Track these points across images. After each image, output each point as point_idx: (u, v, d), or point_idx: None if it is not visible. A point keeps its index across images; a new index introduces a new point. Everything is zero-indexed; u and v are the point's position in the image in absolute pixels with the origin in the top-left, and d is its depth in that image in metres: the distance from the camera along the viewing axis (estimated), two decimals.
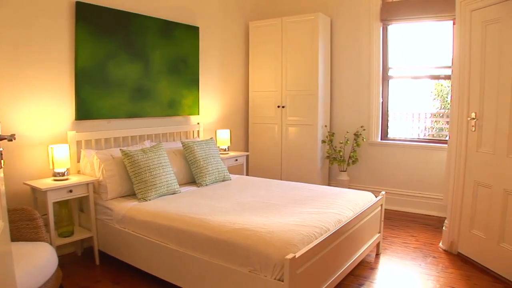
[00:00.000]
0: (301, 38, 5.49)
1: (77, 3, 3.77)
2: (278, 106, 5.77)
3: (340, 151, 5.61)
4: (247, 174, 5.81)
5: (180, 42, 4.86)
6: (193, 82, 5.09)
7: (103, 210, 3.62)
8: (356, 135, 5.59)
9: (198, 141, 4.45)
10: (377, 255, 3.89)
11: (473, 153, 3.68)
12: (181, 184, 4.15)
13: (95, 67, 3.97)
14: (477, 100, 3.60)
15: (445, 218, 4.07)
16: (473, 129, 3.65)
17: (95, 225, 3.65)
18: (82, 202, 3.86)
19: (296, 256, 2.35)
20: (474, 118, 3.63)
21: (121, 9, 4.16)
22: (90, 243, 3.79)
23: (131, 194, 3.74)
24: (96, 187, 3.69)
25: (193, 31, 5.05)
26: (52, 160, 3.47)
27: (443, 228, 4.06)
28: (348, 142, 5.65)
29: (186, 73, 4.99)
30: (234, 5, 5.89)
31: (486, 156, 3.53)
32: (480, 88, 3.57)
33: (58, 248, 3.30)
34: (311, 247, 2.53)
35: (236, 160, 5.30)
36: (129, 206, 3.46)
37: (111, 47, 4.10)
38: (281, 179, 5.55)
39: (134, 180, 3.62)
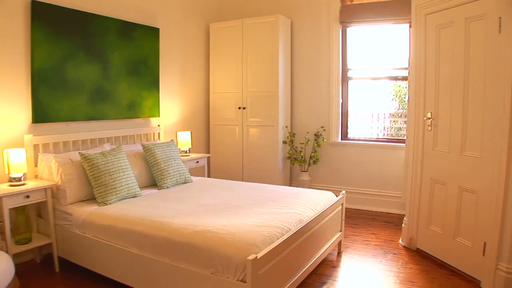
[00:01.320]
0: (262, 40, 5.52)
1: (33, 2, 3.63)
2: (239, 108, 5.76)
3: (301, 151, 5.67)
4: (208, 176, 5.77)
5: (140, 43, 4.78)
6: (153, 84, 5.02)
7: (62, 215, 3.50)
8: (317, 135, 5.66)
9: (158, 144, 4.38)
10: (339, 253, 3.94)
11: (429, 152, 3.80)
12: (142, 187, 4.08)
13: (53, 68, 3.84)
14: (433, 101, 3.72)
15: (404, 215, 4.18)
16: (429, 129, 3.76)
17: (54, 231, 3.52)
18: (40, 208, 3.70)
19: (258, 257, 2.35)
20: (430, 118, 3.75)
21: (79, 9, 4.04)
22: (49, 250, 3.64)
23: (91, 198, 3.64)
24: (54, 191, 3.56)
25: (153, 32, 4.97)
26: (8, 165, 3.32)
27: (402, 225, 4.17)
28: (309, 142, 5.71)
29: (146, 74, 4.90)
30: (195, 7, 5.84)
31: (441, 155, 3.65)
32: (435, 89, 3.69)
33: (15, 256, 3.16)
34: (272, 247, 2.54)
35: (197, 162, 5.26)
36: (89, 211, 3.36)
37: (69, 48, 3.97)
38: (242, 181, 5.55)
39: (93, 184, 3.53)
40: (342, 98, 5.71)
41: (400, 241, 4.20)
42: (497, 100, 3.04)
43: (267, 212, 3.19)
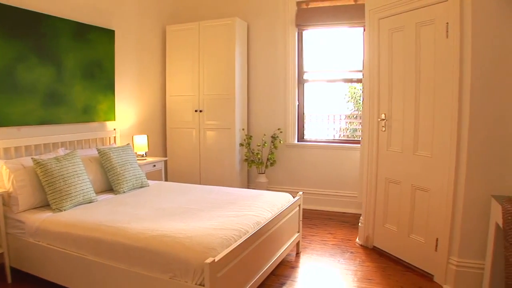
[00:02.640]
0: (218, 42, 5.50)
1: None
2: (196, 111, 5.72)
3: (258, 153, 5.69)
4: (165, 180, 5.69)
5: (95, 45, 4.64)
6: (109, 87, 4.89)
7: (15, 224, 3.33)
8: (273, 137, 5.70)
9: (114, 148, 4.28)
10: (297, 254, 3.98)
11: (383, 152, 3.91)
12: (98, 192, 3.97)
13: (2, 70, 3.64)
14: (386, 102, 3.84)
15: (360, 214, 4.27)
16: (383, 129, 3.87)
17: (5, 240, 3.34)
18: None
19: (216, 260, 2.35)
20: (383, 119, 3.86)
21: (30, 9, 3.87)
22: (0, 260, 3.46)
23: (45, 205, 3.49)
24: (5, 199, 3.38)
25: (109, 34, 4.84)
26: None
27: (359, 224, 4.27)
28: (266, 144, 5.75)
29: (101, 77, 4.77)
30: (151, 9, 5.75)
31: (395, 155, 3.76)
32: (388, 91, 3.81)
33: None
34: (230, 250, 2.54)
35: (154, 165, 5.18)
36: (42, 218, 3.23)
37: (20, 50, 3.79)
38: (200, 184, 5.50)
39: (47, 190, 3.39)
40: (298, 100, 5.78)
41: (357, 240, 4.30)
42: (445, 102, 3.18)
43: (225, 215, 3.19)
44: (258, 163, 5.68)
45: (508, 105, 2.93)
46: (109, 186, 4.13)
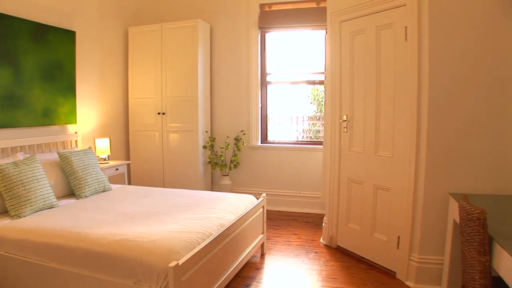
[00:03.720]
0: (181, 44, 5.45)
1: None
2: (159, 113, 5.64)
3: (221, 156, 5.67)
4: (129, 183, 5.58)
5: (55, 46, 4.49)
6: (70, 89, 4.74)
7: None
8: (237, 139, 5.69)
9: (75, 151, 4.16)
10: (262, 255, 3.99)
11: (346, 153, 3.97)
12: (59, 197, 3.85)
13: None
14: (348, 104, 3.90)
15: (324, 215, 4.32)
16: (345, 130, 3.94)
17: None
18: None
19: (180, 263, 2.32)
20: (345, 120, 3.93)
21: None
22: None
23: (3, 212, 3.33)
24: None
25: (69, 35, 4.70)
26: None
27: (323, 224, 4.33)
28: (229, 146, 5.73)
29: (62, 80, 4.62)
30: (113, 10, 5.62)
31: (357, 155, 3.83)
32: (350, 93, 3.88)
33: None
34: (194, 253, 2.52)
35: (117, 169, 5.07)
36: (0, 225, 3.09)
37: None
38: (164, 187, 5.45)
39: (5, 196, 3.24)
40: (261, 102, 5.81)
41: (321, 240, 4.35)
42: (405, 103, 3.27)
43: (188, 218, 3.17)
44: (221, 165, 5.66)
45: (464, 106, 3.04)
46: (70, 191, 4.01)
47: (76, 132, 4.86)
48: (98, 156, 4.92)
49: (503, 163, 3.00)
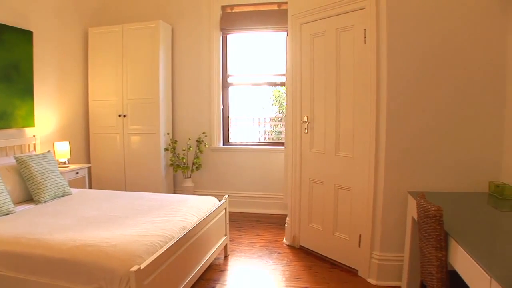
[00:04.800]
0: (142, 46, 5.37)
1: None
2: (119, 115, 5.53)
3: (183, 158, 5.62)
4: (90, 187, 5.44)
5: (11, 47, 4.30)
6: (27, 91, 4.56)
7: None
8: (199, 141, 5.66)
9: (34, 155, 4.01)
10: (226, 257, 3.98)
11: (307, 153, 4.02)
12: (16, 203, 3.69)
13: None
14: (308, 105, 3.95)
15: (287, 215, 4.35)
16: (306, 131, 3.99)
17: None
18: None
19: (142, 268, 2.29)
20: (306, 121, 3.97)
21: None
22: None
23: None
24: None
25: (26, 35, 4.52)
26: None
27: (285, 225, 4.36)
28: (191, 148, 5.69)
29: (19, 81, 4.43)
30: (72, 10, 5.45)
31: (318, 156, 3.89)
32: (310, 94, 3.92)
33: None
34: (156, 256, 2.49)
35: (77, 173, 4.93)
36: None
37: None
38: (125, 190, 5.34)
39: None
40: (223, 104, 5.79)
41: (284, 240, 4.38)
42: (364, 104, 3.34)
43: (150, 221, 3.12)
44: (183, 168, 5.61)
45: (422, 107, 3.14)
46: (29, 196, 3.86)
47: (34, 136, 4.69)
48: (57, 160, 4.78)
49: (458, 162, 3.12)
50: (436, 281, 2.11)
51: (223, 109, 5.81)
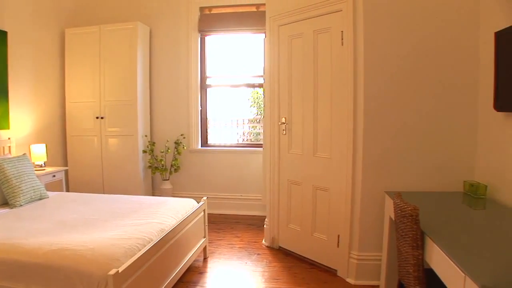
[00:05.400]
0: (120, 47, 5.32)
1: None
2: (97, 117, 5.46)
3: (161, 160, 5.58)
4: (67, 190, 5.36)
5: None
6: (1, 93, 4.46)
7: None
8: (177, 143, 5.62)
9: (9, 158, 3.92)
10: (205, 259, 3.96)
11: (285, 155, 4.03)
12: None
13: None
14: (286, 106, 3.97)
15: (265, 216, 4.36)
16: (284, 133, 4.00)
17: None
18: None
19: (120, 271, 2.27)
20: (284, 123, 3.99)
21: None
22: None
23: None
24: None
25: (0, 35, 4.43)
26: None
27: (264, 226, 4.36)
28: (169, 150, 5.65)
29: None
30: (48, 10, 5.34)
31: (296, 157, 3.91)
32: (288, 95, 3.94)
33: None
34: (134, 259, 2.47)
35: (54, 176, 4.84)
36: None
37: None
38: (103, 193, 5.27)
39: None
40: (201, 105, 5.77)
41: (263, 241, 4.38)
42: (342, 106, 3.37)
43: (128, 224, 3.09)
44: (162, 170, 5.56)
45: (399, 108, 3.19)
46: (4, 200, 3.77)
47: (9, 138, 4.59)
48: (33, 163, 4.69)
49: (434, 162, 3.18)
50: (413, 280, 2.15)
51: (201, 110, 5.79)
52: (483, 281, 1.50)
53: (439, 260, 1.92)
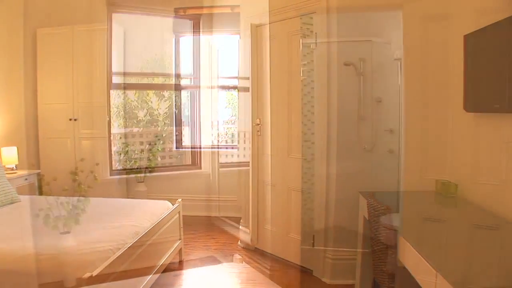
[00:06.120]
0: (93, 48, 5.22)
1: None
2: (70, 119, 5.36)
3: (136, 161, 5.52)
4: (40, 194, 5.23)
5: None
6: None
7: None
8: (151, 144, 5.57)
9: None
10: (181, 261, 3.93)
11: (260, 156, 4.05)
12: None
13: None
14: (261, 107, 3.99)
15: (241, 218, 4.36)
16: (259, 134, 4.02)
17: None
18: None
19: (93, 275, 2.25)
20: (258, 124, 4.00)
21: None
22: None
23: None
24: None
25: None
26: None
27: (240, 227, 4.36)
28: (144, 152, 5.59)
29: None
30: (19, 10, 5.22)
31: (270, 158, 3.92)
32: (263, 96, 3.96)
33: None
34: (108, 263, 2.45)
35: (26, 179, 4.73)
36: None
37: None
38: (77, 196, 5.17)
39: None
40: (175, 107, 5.74)
41: (239, 243, 4.38)
42: (316, 106, 3.40)
43: (102, 227, 3.05)
44: (136, 172, 5.50)
45: (369, 106, 3.24)
46: None
47: None
48: (4, 166, 4.55)
49: (406, 161, 3.23)
50: (387, 278, 2.19)
51: (176, 112, 5.75)
52: (454, 277, 1.54)
53: (411, 258, 1.96)
